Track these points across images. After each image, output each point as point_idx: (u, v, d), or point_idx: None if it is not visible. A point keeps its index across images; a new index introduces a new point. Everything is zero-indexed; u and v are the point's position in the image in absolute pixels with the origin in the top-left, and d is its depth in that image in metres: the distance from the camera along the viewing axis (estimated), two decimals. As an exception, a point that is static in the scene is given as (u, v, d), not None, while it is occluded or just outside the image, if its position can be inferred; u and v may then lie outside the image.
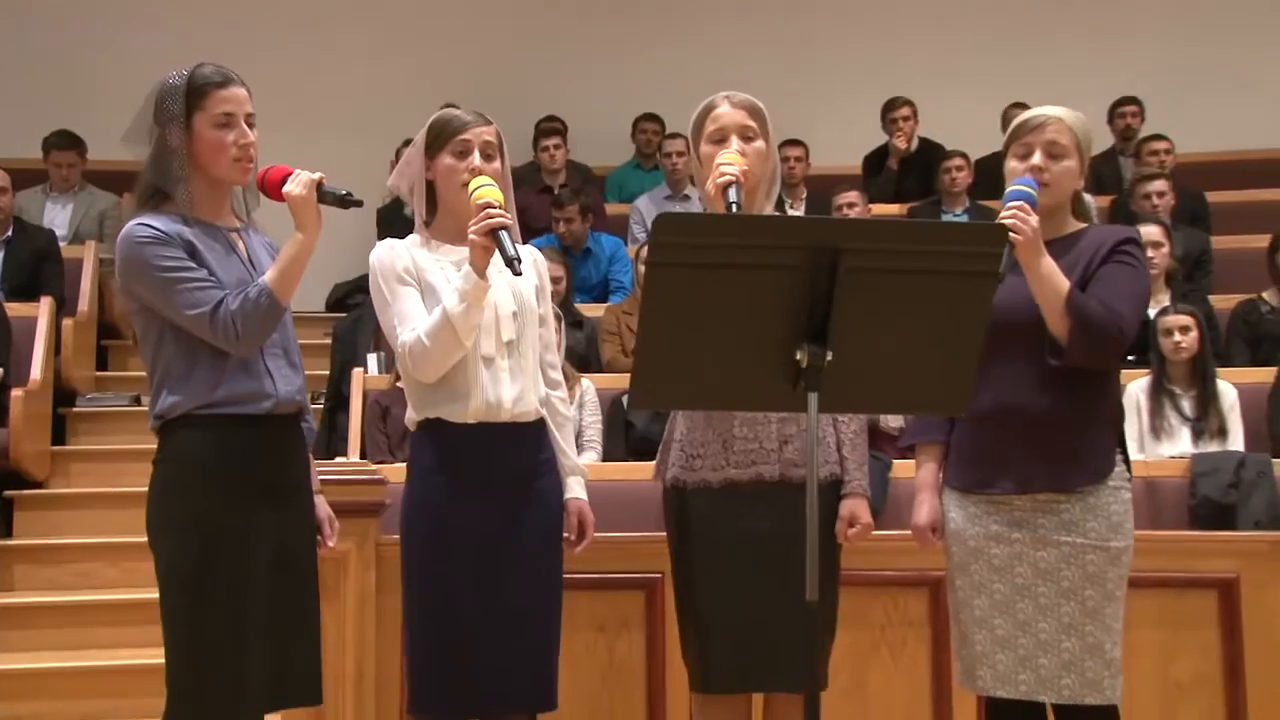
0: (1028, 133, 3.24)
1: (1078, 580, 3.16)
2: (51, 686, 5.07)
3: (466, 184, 3.25)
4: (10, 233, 7.35)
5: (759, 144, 3.34)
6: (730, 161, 3.22)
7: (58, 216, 8.19)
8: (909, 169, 8.50)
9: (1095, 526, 3.17)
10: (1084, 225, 3.33)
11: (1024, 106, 8.71)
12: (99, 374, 7.69)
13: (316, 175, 3.10)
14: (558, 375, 3.49)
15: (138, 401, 7.26)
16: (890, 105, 8.65)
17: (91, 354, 7.62)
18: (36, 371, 6.50)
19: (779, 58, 8.69)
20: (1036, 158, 3.19)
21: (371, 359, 6.70)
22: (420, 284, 3.30)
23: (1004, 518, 3.22)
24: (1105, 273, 3.17)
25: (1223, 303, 6.78)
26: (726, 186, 3.15)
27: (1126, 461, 3.27)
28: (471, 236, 3.14)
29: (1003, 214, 3.06)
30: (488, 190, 3.18)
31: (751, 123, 3.35)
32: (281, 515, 3.14)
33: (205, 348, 3.05)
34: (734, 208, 3.06)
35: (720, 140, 3.33)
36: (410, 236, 3.40)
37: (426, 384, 3.29)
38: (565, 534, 3.42)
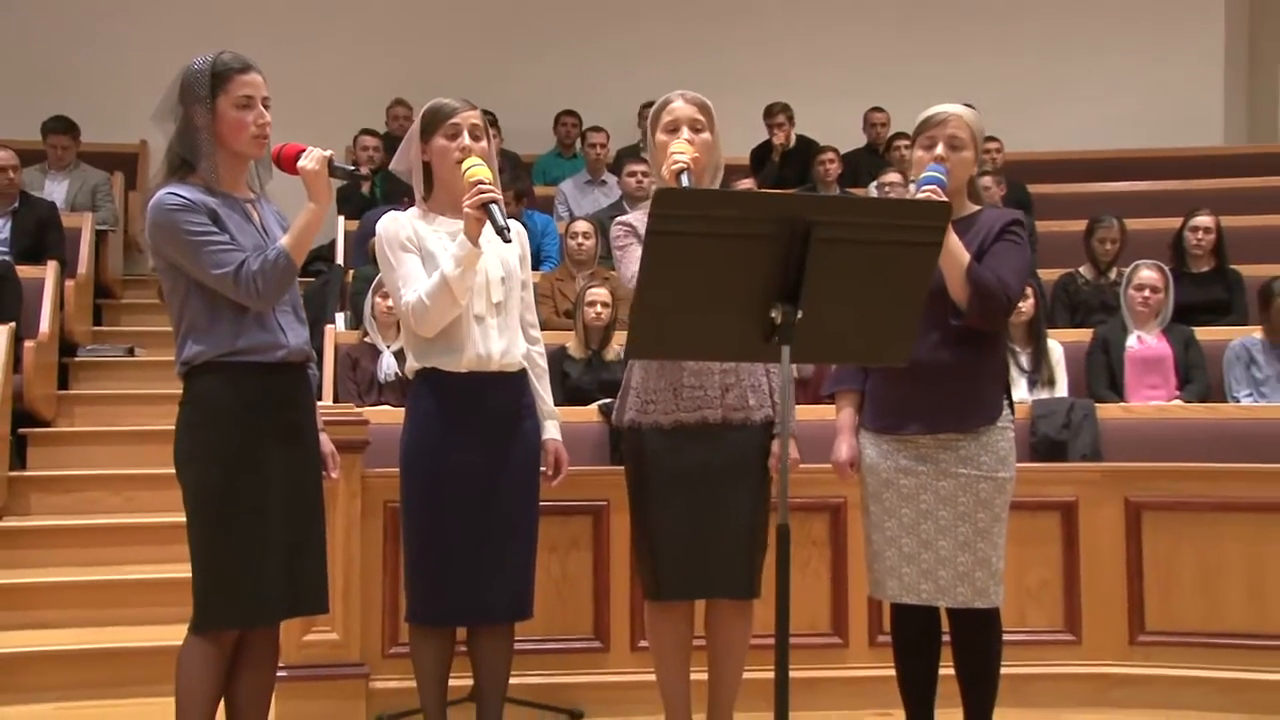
0: (933, 127, 3.20)
1: (971, 505, 3.17)
2: (63, 598, 4.95)
3: (459, 162, 3.15)
4: (17, 204, 7.05)
5: (706, 135, 3.28)
6: (682, 150, 3.16)
7: (56, 191, 7.90)
8: (789, 161, 8.45)
9: (987, 460, 3.18)
10: (978, 208, 3.31)
11: (881, 111, 8.89)
12: (96, 329, 7.51)
13: (328, 152, 3.00)
14: (536, 333, 3.41)
15: (131, 353, 7.15)
16: (770, 110, 8.62)
17: (89, 311, 7.43)
18: (45, 326, 6.32)
19: (680, 62, 8.57)
20: (940, 148, 3.17)
21: (339, 317, 6.55)
22: (420, 251, 3.20)
23: (911, 454, 3.21)
24: (996, 249, 3.17)
25: (1046, 275, 6.85)
26: (679, 172, 3.10)
27: (1010, 406, 3.28)
28: (466, 209, 3.06)
29: (918, 195, 3.03)
30: (479, 169, 3.10)
31: (701, 117, 3.28)
32: (293, 450, 3.04)
33: (226, 303, 2.94)
34: None
35: (673, 130, 3.26)
36: (410, 210, 3.30)
37: (426, 338, 3.19)
38: (543, 469, 3.36)
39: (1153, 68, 9.70)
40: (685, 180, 3.08)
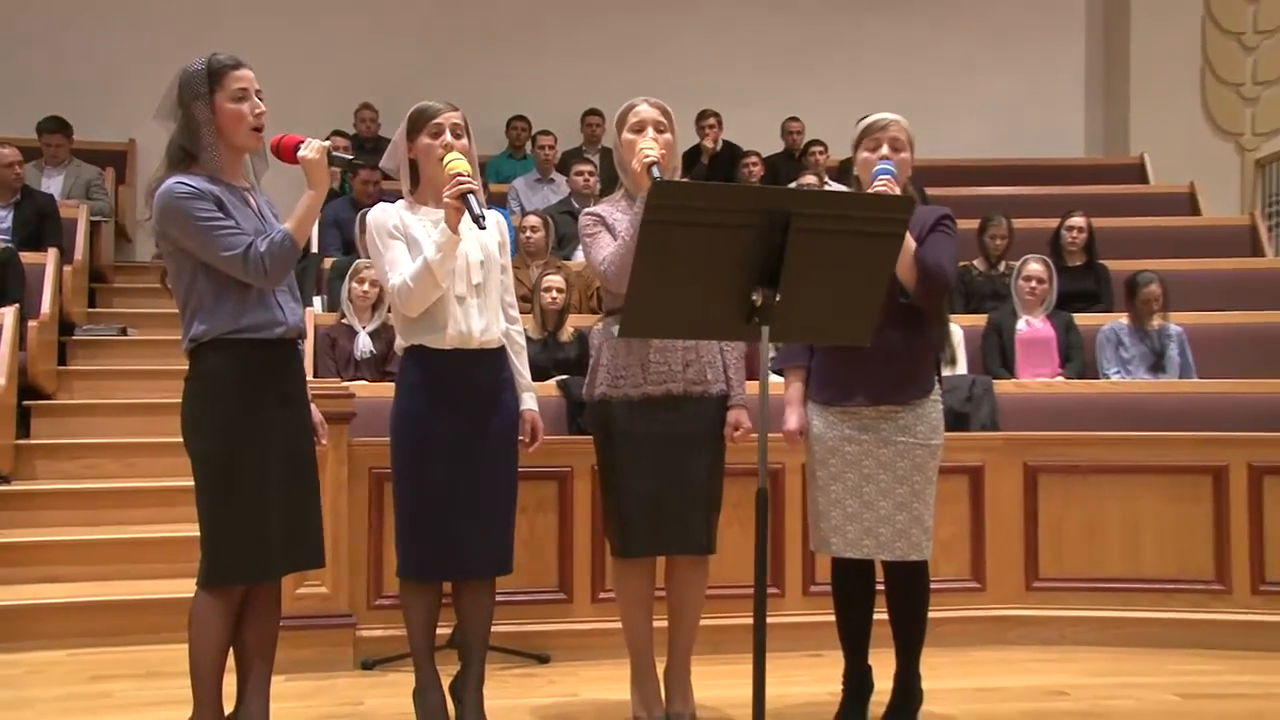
0: (877, 131, 3.12)
1: (908, 470, 3.10)
2: (70, 554, 4.79)
3: (442, 158, 3.01)
4: (19, 196, 6.76)
5: (668, 136, 3.16)
6: (650, 146, 3.05)
7: (51, 185, 7.57)
8: (716, 164, 8.34)
9: (921, 429, 3.11)
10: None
11: (797, 120, 8.82)
12: (90, 310, 7.24)
13: (327, 143, 2.86)
14: (515, 313, 3.26)
15: (123, 332, 6.90)
16: (701, 115, 8.51)
17: (85, 294, 7.17)
18: (45, 307, 6.09)
19: (618, 75, 8.36)
20: (884, 149, 3.09)
21: (317, 300, 6.33)
22: (406, 238, 3.06)
23: (855, 424, 3.13)
24: (932, 239, 3.11)
25: (943, 267, 6.82)
26: (651, 164, 2.99)
27: (940, 381, 3.21)
28: (445, 200, 2.93)
29: (875, 185, 2.94)
30: (458, 163, 2.96)
31: (663, 119, 3.16)
32: (289, 419, 2.89)
33: (230, 284, 2.78)
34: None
35: (639, 130, 3.14)
36: (399, 201, 3.15)
37: (412, 317, 3.05)
38: (520, 437, 3.23)
39: (1024, 87, 9.77)
40: (656, 172, 2.97)
